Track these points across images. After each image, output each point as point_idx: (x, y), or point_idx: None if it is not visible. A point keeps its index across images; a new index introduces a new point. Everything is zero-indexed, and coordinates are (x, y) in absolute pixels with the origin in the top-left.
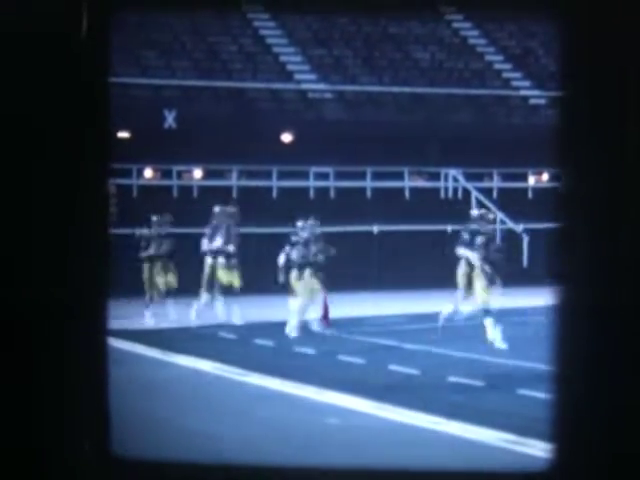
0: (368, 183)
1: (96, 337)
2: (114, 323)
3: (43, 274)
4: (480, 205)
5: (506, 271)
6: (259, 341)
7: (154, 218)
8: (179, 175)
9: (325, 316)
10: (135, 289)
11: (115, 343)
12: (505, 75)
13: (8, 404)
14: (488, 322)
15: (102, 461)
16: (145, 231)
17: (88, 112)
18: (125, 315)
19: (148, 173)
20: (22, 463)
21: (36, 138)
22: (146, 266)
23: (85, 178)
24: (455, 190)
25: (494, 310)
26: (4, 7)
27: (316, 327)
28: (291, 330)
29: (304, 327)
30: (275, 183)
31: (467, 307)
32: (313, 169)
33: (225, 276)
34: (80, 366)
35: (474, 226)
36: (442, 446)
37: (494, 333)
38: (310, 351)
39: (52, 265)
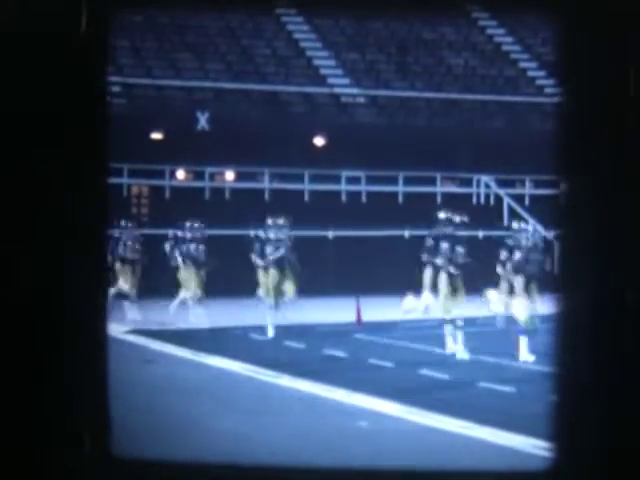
0: (400, 188)
1: (97, 337)
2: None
3: (43, 273)
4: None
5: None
6: (290, 343)
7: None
8: (211, 177)
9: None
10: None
11: (148, 343)
12: (539, 82)
13: (9, 404)
14: (448, 330)
15: (102, 461)
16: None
17: (87, 111)
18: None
19: (180, 174)
20: (22, 463)
21: (35, 137)
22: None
23: (84, 177)
24: (487, 196)
25: (458, 318)
26: (4, 7)
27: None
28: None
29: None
30: (307, 186)
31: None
32: (345, 173)
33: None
34: (81, 366)
35: (440, 231)
36: (472, 451)
37: (455, 343)
38: (341, 354)
39: (52, 264)
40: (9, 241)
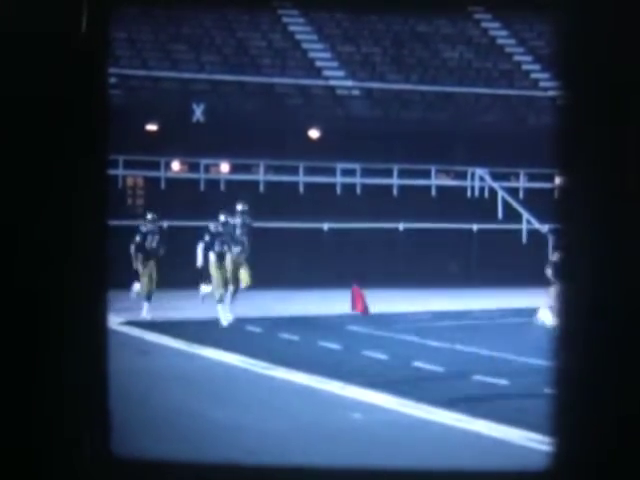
0: (395, 180)
1: (96, 336)
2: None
3: (40, 270)
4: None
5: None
6: (284, 335)
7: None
8: (206, 168)
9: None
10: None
11: (143, 334)
12: (534, 76)
13: (8, 404)
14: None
15: (102, 461)
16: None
17: (87, 110)
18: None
19: (176, 166)
20: (22, 463)
21: (36, 137)
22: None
23: (84, 173)
24: (482, 189)
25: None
26: (4, 7)
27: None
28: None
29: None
30: (302, 178)
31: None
32: (340, 165)
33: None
34: (80, 365)
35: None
36: (465, 443)
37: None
38: (335, 346)
39: (50, 259)
40: (7, 236)
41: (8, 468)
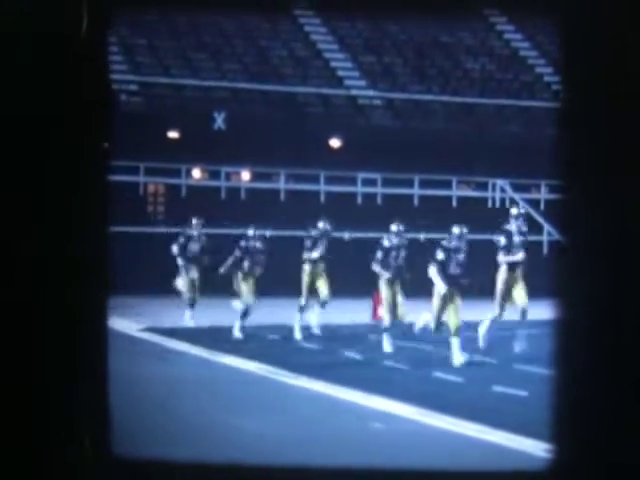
0: (416, 191)
1: (97, 337)
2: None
3: (44, 272)
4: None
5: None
6: (305, 344)
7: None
8: (227, 176)
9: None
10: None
11: (163, 341)
12: (555, 87)
13: (9, 404)
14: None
15: (102, 461)
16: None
17: (88, 111)
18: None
19: (197, 173)
20: (23, 462)
21: (36, 138)
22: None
23: (85, 176)
24: (502, 200)
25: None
26: (4, 7)
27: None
28: None
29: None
30: (323, 188)
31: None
32: (361, 175)
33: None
34: (82, 366)
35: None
36: (485, 454)
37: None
38: (357, 356)
39: (53, 263)
40: (10, 240)
41: (8, 468)
